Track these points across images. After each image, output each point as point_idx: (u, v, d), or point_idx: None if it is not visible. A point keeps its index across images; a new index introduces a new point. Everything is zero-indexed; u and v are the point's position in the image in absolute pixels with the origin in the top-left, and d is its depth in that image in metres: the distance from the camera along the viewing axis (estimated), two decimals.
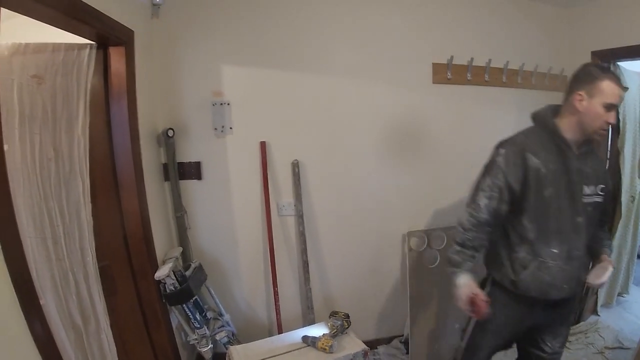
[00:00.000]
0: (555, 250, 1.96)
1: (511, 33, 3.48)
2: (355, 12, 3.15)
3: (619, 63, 3.46)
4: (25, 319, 1.44)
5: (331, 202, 3.30)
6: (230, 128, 3.08)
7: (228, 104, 3.04)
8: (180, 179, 3.03)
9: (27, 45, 2.08)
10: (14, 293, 1.39)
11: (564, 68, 3.53)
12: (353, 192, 3.33)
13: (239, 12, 2.98)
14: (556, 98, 3.57)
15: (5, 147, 1.39)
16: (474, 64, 3.29)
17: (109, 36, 2.27)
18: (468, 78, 3.34)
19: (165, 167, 2.99)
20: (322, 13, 3.10)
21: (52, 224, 2.02)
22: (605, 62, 3.38)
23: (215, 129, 3.06)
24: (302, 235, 3.20)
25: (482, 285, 2.18)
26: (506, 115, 3.51)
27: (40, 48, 2.12)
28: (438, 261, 3.33)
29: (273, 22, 3.04)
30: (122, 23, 2.35)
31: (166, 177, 3.01)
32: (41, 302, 1.58)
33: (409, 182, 3.41)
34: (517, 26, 3.49)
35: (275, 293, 3.19)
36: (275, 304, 3.21)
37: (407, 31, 3.25)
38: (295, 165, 3.15)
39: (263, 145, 3.11)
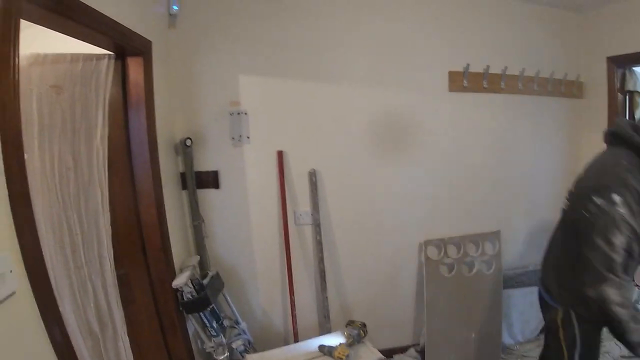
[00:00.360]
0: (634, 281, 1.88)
1: (527, 40, 3.47)
2: (371, 22, 3.17)
3: (634, 68, 3.42)
4: (45, 325, 1.45)
5: (348, 210, 3.30)
6: (248, 137, 3.10)
7: (245, 114, 3.07)
8: (198, 188, 3.05)
9: (45, 55, 2.12)
10: (34, 300, 1.41)
11: (579, 74, 3.51)
12: (369, 200, 3.33)
13: (255, 21, 3.02)
14: (573, 104, 3.58)
15: (25, 156, 1.41)
16: (490, 72, 3.28)
17: (126, 47, 2.31)
18: (484, 86, 3.33)
19: (183, 176, 3.02)
20: (339, 23, 3.13)
21: (70, 232, 2.05)
22: (620, 67, 3.35)
23: (233, 138, 3.08)
24: (319, 244, 3.20)
25: (563, 322, 2.05)
26: (523, 122, 3.51)
27: (58, 58, 2.15)
28: (455, 270, 3.31)
29: (290, 32, 3.07)
30: (139, 34, 2.38)
31: (184, 186, 3.03)
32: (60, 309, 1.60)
33: (426, 190, 3.40)
34: (533, 33, 3.49)
35: (292, 301, 3.19)
36: (292, 313, 3.20)
37: (423, 40, 3.26)
38: (312, 174, 3.16)
39: (280, 154, 3.13)
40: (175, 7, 2.86)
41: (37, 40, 1.96)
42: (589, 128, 3.64)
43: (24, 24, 1.43)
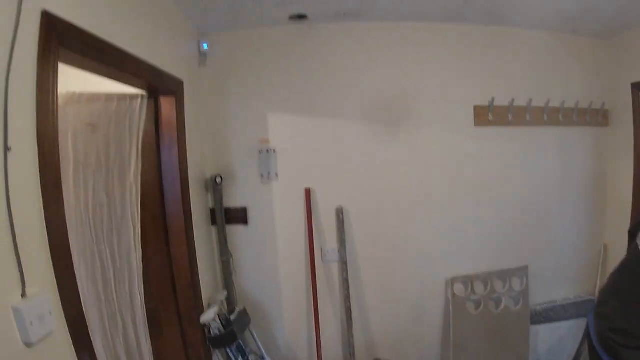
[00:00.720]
0: None
1: (551, 70, 3.42)
2: (395, 62, 3.21)
3: None
4: (77, 357, 1.50)
5: (374, 247, 3.30)
6: (276, 174, 3.16)
7: (274, 151, 3.14)
8: (227, 224, 3.11)
9: (81, 94, 2.21)
10: (70, 338, 1.45)
11: (604, 102, 3.46)
12: (395, 237, 3.32)
13: (283, 61, 3.12)
14: (598, 133, 3.53)
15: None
16: (515, 104, 3.28)
17: (159, 87, 2.41)
18: (509, 119, 3.31)
19: (212, 211, 3.08)
20: (364, 64, 3.18)
21: (103, 267, 2.11)
22: None
23: (262, 175, 3.15)
24: (345, 282, 3.20)
25: None
26: (548, 154, 3.46)
27: (94, 97, 2.25)
28: (482, 307, 3.27)
29: (318, 71, 3.15)
30: (172, 74, 2.49)
31: (213, 222, 3.10)
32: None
33: (453, 226, 3.37)
34: (557, 62, 3.44)
35: (318, 338, 3.19)
36: (317, 350, 3.20)
37: (447, 77, 3.28)
38: (340, 212, 3.18)
39: (308, 191, 3.17)
40: (205, 46, 2.99)
41: (73, 79, 2.03)
42: (616, 156, 3.55)
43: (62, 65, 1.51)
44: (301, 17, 2.95)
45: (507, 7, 2.90)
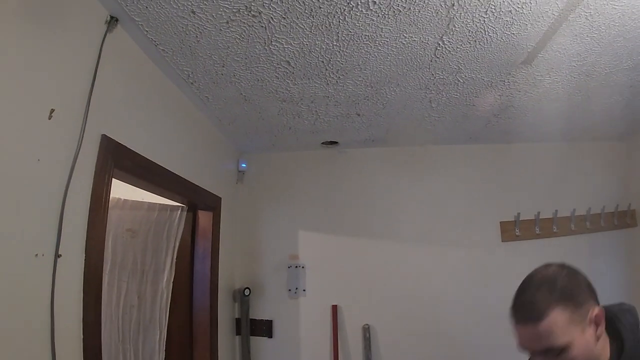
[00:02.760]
0: None
1: (574, 178, 3.47)
2: (419, 183, 3.38)
3: None
4: None
5: None
6: (304, 290, 3.26)
7: (303, 267, 3.26)
8: (252, 335, 3.16)
9: (125, 201, 2.43)
10: None
11: (630, 202, 3.42)
12: (426, 356, 3.25)
13: (314, 182, 3.35)
14: (628, 235, 3.45)
15: None
16: (541, 217, 3.30)
17: (199, 203, 2.62)
18: (537, 232, 3.32)
19: (237, 321, 3.16)
20: (389, 186, 3.37)
21: None
22: None
23: (289, 290, 3.25)
24: None
25: None
26: (578, 263, 3.36)
27: (136, 205, 2.47)
28: None
29: (345, 192, 3.35)
30: (211, 192, 2.71)
31: (237, 332, 3.16)
32: None
33: (483, 341, 3.27)
34: (579, 170, 3.50)
35: None
36: None
37: (471, 196, 3.39)
38: (367, 330, 3.18)
39: (334, 308, 3.21)
40: (243, 165, 3.26)
41: (119, 185, 2.18)
42: None
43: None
44: (332, 142, 3.22)
45: (524, 125, 3.05)
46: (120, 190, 2.26)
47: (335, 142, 3.24)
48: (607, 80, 2.38)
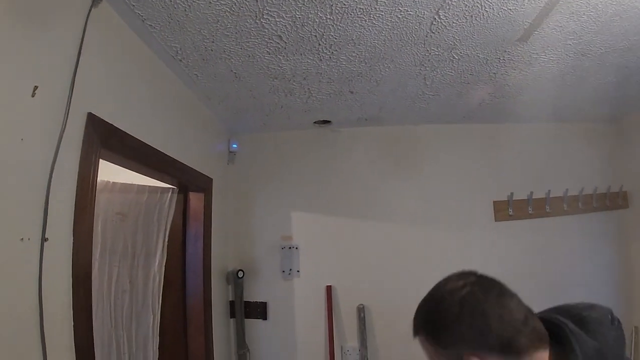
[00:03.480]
0: None
1: (567, 158, 3.49)
2: (413, 162, 3.36)
3: None
4: None
5: (396, 347, 3.23)
6: (298, 271, 3.23)
7: (296, 248, 3.23)
8: (246, 318, 3.14)
9: (114, 183, 2.38)
10: None
11: (622, 184, 3.44)
12: None
13: (307, 162, 3.31)
14: (619, 216, 3.47)
15: None
16: (534, 197, 3.32)
17: (190, 184, 2.57)
18: (530, 212, 3.34)
19: (232, 304, 3.14)
20: (382, 165, 3.35)
21: (119, 352, 2.17)
22: None
23: (283, 271, 3.22)
24: None
25: None
26: (571, 243, 3.39)
27: (126, 188, 2.41)
28: None
29: (339, 171, 3.32)
30: (203, 173, 2.66)
31: (232, 314, 3.14)
32: None
33: None
34: (571, 150, 3.52)
35: None
36: None
37: (465, 175, 3.38)
38: (361, 310, 3.18)
39: (329, 289, 3.20)
40: (234, 146, 3.22)
41: (107, 168, 2.16)
42: (638, 237, 3.52)
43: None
44: (325, 122, 3.17)
45: (519, 105, 3.02)
46: (110, 172, 2.20)
47: (328, 121, 3.19)
48: (602, 60, 2.36)
